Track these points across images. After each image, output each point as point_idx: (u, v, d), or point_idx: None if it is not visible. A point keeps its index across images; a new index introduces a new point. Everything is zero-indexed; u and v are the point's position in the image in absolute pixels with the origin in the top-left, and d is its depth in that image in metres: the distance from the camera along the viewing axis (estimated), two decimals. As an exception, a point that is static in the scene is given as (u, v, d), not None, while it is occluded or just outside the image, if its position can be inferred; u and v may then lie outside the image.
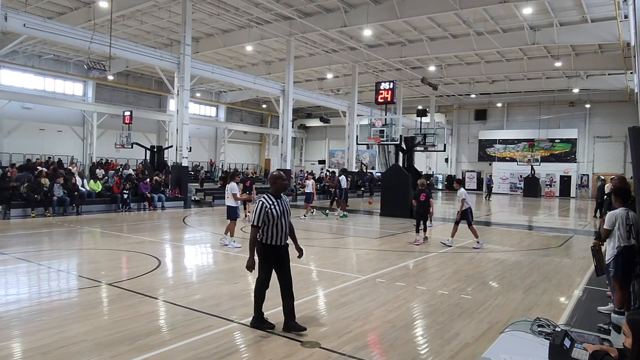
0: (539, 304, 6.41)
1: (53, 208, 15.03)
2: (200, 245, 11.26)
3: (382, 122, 17.03)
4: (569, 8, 19.77)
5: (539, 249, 11.22)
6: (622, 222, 5.21)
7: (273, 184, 5.16)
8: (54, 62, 29.31)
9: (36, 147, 27.66)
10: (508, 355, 2.68)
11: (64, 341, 4.50)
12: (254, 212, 4.91)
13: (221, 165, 40.34)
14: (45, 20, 17.31)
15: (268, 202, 4.93)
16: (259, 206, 4.90)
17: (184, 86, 19.97)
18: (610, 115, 33.32)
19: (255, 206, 4.94)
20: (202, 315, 5.40)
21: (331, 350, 4.50)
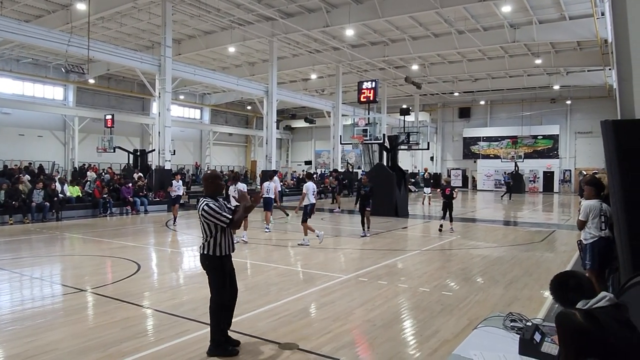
0: (519, 299, 6.44)
1: (32, 214, 14.74)
2: (182, 248, 11.13)
3: (365, 121, 17.05)
4: (547, 6, 20.04)
5: (521, 244, 11.31)
6: (596, 212, 5.27)
7: (210, 184, 4.49)
8: (32, 66, 28.79)
9: (16, 153, 27.12)
10: (479, 351, 2.66)
11: (35, 350, 4.38)
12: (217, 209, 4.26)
13: (207, 168, 40.05)
14: (21, 23, 17.01)
15: (217, 205, 4.32)
16: (213, 205, 4.27)
17: (165, 88, 19.77)
18: (590, 111, 33.83)
19: (212, 208, 4.24)
20: (179, 320, 5.31)
21: (309, 352, 4.45)
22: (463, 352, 2.66)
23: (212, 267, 4.41)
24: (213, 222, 4.27)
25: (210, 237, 4.33)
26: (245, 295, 6.49)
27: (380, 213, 17.02)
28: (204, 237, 4.39)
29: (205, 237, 4.37)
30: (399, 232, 13.86)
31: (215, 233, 4.34)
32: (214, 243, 4.34)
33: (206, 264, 4.45)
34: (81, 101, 31.36)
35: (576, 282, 2.64)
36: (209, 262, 4.41)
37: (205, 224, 4.32)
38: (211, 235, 4.33)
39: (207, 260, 4.42)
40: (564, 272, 2.79)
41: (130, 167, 24.27)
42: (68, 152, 30.56)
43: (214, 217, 4.25)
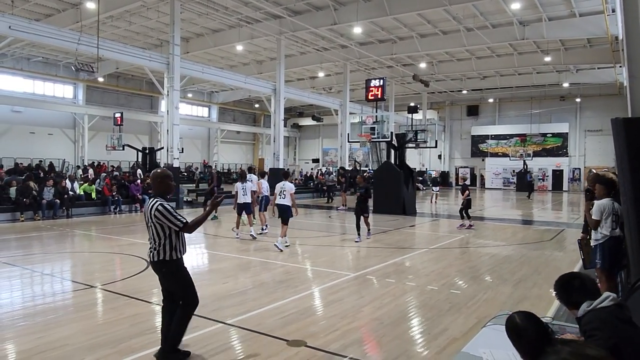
0: (528, 298, 6.40)
1: (42, 211, 14.89)
2: (190, 246, 11.17)
3: (372, 119, 17.01)
4: (557, 3, 19.84)
5: (530, 243, 11.23)
6: (608, 211, 5.22)
7: (160, 184, 4.15)
8: (43, 64, 29.06)
9: (26, 151, 27.43)
10: (487, 349, 2.65)
11: (45, 346, 4.43)
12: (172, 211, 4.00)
13: (214, 165, 40.21)
14: (32, 22, 17.14)
15: (171, 206, 4.04)
16: (168, 207, 3.99)
17: (173, 87, 19.84)
18: (600, 109, 33.47)
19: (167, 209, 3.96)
20: (188, 316, 5.33)
21: (317, 349, 4.46)
22: (472, 350, 2.66)
23: (171, 271, 4.10)
24: (167, 224, 3.96)
25: (165, 240, 4.00)
26: (253, 293, 6.53)
27: (388, 211, 17.01)
28: (156, 241, 4.02)
29: (158, 241, 4.01)
30: (407, 230, 13.83)
31: (170, 235, 4.02)
32: (170, 246, 4.03)
33: (164, 271, 4.09)
34: (91, 99, 31.63)
35: (580, 283, 2.65)
36: (167, 267, 4.07)
37: (159, 225, 3.97)
38: (165, 238, 4.00)
39: (164, 267, 4.07)
40: (568, 274, 2.80)
41: (138, 164, 24.41)
42: (78, 150, 30.84)
43: (168, 219, 3.95)
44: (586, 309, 2.51)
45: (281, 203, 9.97)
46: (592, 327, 2.43)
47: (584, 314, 2.51)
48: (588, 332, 2.43)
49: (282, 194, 10.01)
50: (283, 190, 10.02)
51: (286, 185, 10.04)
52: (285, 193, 9.96)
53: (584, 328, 2.46)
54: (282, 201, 9.97)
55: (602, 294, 5.23)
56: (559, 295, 2.72)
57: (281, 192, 9.99)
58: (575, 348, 2.04)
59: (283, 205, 9.95)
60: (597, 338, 2.36)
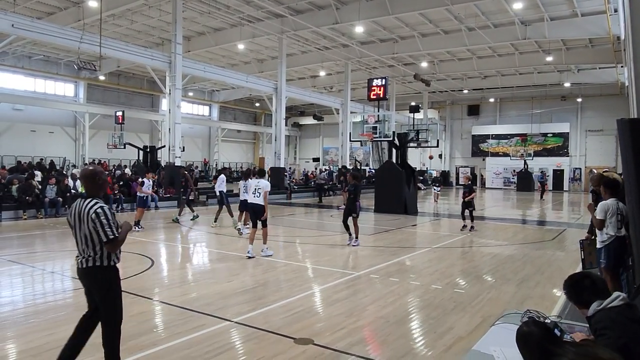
0: (532, 297, 6.44)
1: (45, 210, 14.91)
2: (194, 244, 11.22)
3: (374, 118, 17.02)
4: (559, 2, 19.86)
5: (532, 243, 11.27)
6: (613, 211, 5.25)
7: (93, 183, 3.69)
8: (44, 62, 29.08)
9: (27, 149, 27.46)
10: (498, 347, 2.68)
11: (55, 343, 4.45)
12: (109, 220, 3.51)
13: (215, 164, 40.24)
14: (34, 20, 17.16)
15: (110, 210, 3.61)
16: (108, 212, 3.54)
17: (175, 85, 19.87)
18: (601, 109, 33.51)
19: (104, 213, 3.49)
20: (195, 315, 5.37)
21: (324, 347, 4.49)
22: (482, 348, 2.69)
23: (107, 278, 3.62)
24: (98, 231, 3.48)
25: (98, 244, 3.53)
26: (258, 291, 6.56)
27: (390, 210, 17.05)
28: (89, 246, 3.53)
29: (92, 246, 3.53)
30: (409, 229, 13.87)
31: None
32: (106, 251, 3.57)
33: (98, 278, 3.60)
34: (91, 98, 31.66)
35: (591, 282, 2.67)
36: (102, 274, 3.59)
37: (94, 230, 3.49)
38: (99, 242, 3.53)
39: (98, 273, 3.59)
40: (578, 273, 2.84)
41: (140, 164, 24.43)
42: (79, 148, 30.87)
43: (102, 226, 3.46)
44: (596, 308, 2.54)
45: (255, 202, 9.00)
46: (602, 326, 2.46)
47: (594, 313, 2.54)
48: (598, 331, 2.46)
49: (257, 193, 8.99)
50: (258, 188, 9.01)
51: (261, 183, 9.04)
52: (260, 192, 8.98)
53: (595, 327, 2.50)
54: (256, 200, 8.97)
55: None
56: (569, 295, 2.75)
57: (255, 190, 9.02)
58: (583, 349, 2.06)
59: (257, 205, 8.98)
60: (607, 337, 2.40)
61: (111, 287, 3.65)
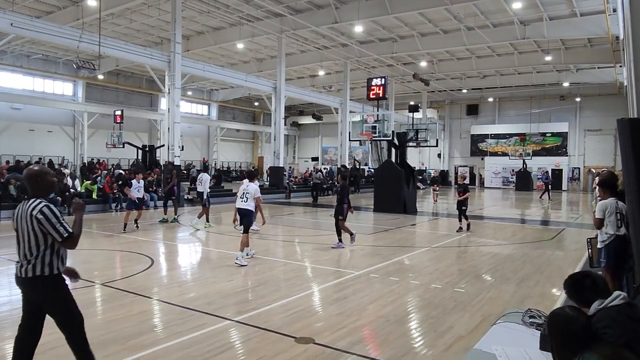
0: (532, 296, 6.45)
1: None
2: (193, 243, 11.21)
3: (374, 118, 17.03)
4: (558, 2, 19.88)
5: (531, 242, 11.29)
6: (612, 210, 5.26)
7: (38, 183, 3.33)
8: (42, 61, 29.02)
9: (26, 148, 27.38)
10: (500, 346, 2.69)
11: (56, 342, 4.43)
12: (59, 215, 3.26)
13: (214, 163, 40.21)
14: (33, 19, 17.12)
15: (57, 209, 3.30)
16: (55, 210, 3.26)
17: (174, 85, 19.83)
18: (600, 109, 33.57)
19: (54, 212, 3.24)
20: (195, 314, 5.38)
21: (325, 346, 4.50)
22: (484, 347, 2.70)
23: (55, 287, 3.31)
24: (50, 232, 3.20)
25: (46, 250, 3.23)
26: (259, 290, 6.57)
27: (389, 210, 17.06)
28: (32, 252, 3.22)
29: (36, 252, 3.21)
30: (408, 229, 13.88)
31: (52, 243, 3.26)
32: (51, 258, 3.25)
33: (43, 289, 3.26)
34: (90, 97, 31.60)
35: (592, 281, 2.68)
36: (48, 284, 3.26)
37: (40, 233, 3.21)
38: (46, 248, 3.23)
39: (44, 284, 3.24)
40: (579, 272, 2.84)
41: (139, 163, 24.39)
42: (77, 147, 30.80)
43: (53, 226, 3.18)
44: (597, 307, 2.54)
45: (241, 207, 8.52)
46: (603, 325, 2.46)
47: (595, 312, 2.55)
48: (599, 331, 2.47)
49: (244, 197, 8.51)
50: (246, 192, 8.51)
51: (250, 187, 8.56)
52: (248, 196, 8.49)
53: (596, 326, 2.50)
54: (244, 205, 8.51)
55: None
56: (569, 294, 2.75)
57: (243, 194, 8.52)
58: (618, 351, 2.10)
59: (244, 209, 8.51)
60: (608, 336, 2.40)
61: (59, 296, 3.34)
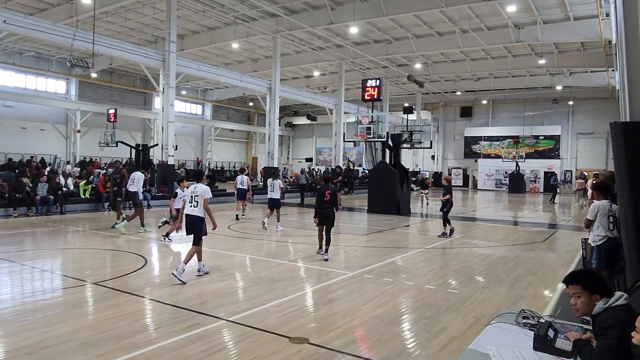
0: (524, 297, 6.50)
1: (36, 208, 14.77)
2: (187, 243, 11.14)
3: (368, 119, 17.08)
4: (552, 6, 20.04)
5: (524, 244, 11.37)
6: (604, 212, 5.32)
7: None
8: (35, 59, 28.79)
9: (18, 146, 27.15)
10: (493, 346, 2.71)
11: (49, 341, 4.44)
12: None
13: (208, 163, 40.11)
14: (26, 16, 16.98)
15: None
16: None
17: (169, 84, 19.78)
18: (592, 112, 33.88)
19: None
20: (189, 313, 5.36)
21: (319, 346, 4.51)
22: (478, 347, 2.72)
23: None
24: None
25: None
26: (254, 290, 6.56)
27: (383, 211, 17.11)
28: None
29: None
30: (402, 230, 13.92)
31: None
32: None
33: None
34: (83, 95, 31.39)
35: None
36: None
37: None
38: None
39: None
40: (580, 269, 2.85)
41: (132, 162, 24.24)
42: (70, 145, 30.60)
43: None
44: (602, 306, 2.55)
45: (191, 214, 7.12)
46: (607, 325, 2.45)
47: (600, 312, 2.55)
48: (602, 330, 2.46)
49: (194, 201, 7.10)
50: (195, 195, 7.10)
51: (199, 188, 7.09)
52: (198, 199, 7.05)
53: (600, 326, 2.49)
54: (193, 211, 7.10)
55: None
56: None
57: (192, 198, 7.15)
58: None
59: (193, 216, 7.10)
60: (609, 337, 2.40)
61: None
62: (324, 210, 8.90)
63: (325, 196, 8.85)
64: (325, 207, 8.88)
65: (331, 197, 8.86)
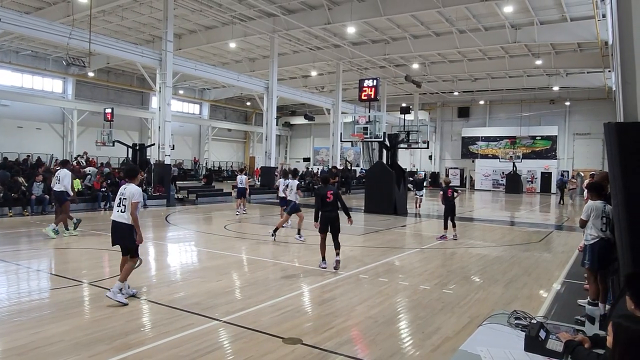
0: (519, 298, 6.50)
1: (32, 207, 14.72)
2: (183, 243, 11.14)
3: (365, 119, 17.07)
4: (549, 7, 20.09)
5: (519, 244, 11.38)
6: (597, 213, 5.33)
7: None
8: (32, 58, 28.70)
9: (14, 145, 27.06)
10: (485, 347, 2.70)
11: (41, 341, 4.41)
12: None
13: (205, 163, 40.04)
14: (22, 14, 16.93)
15: None
16: None
17: (166, 83, 19.73)
18: (589, 113, 33.98)
19: None
20: (183, 314, 5.35)
21: (313, 346, 4.50)
22: (469, 348, 2.71)
23: None
24: None
25: None
26: (248, 290, 6.55)
27: (380, 211, 17.11)
28: None
29: None
30: (398, 230, 13.93)
31: None
32: None
33: None
34: (80, 94, 31.30)
35: None
36: None
37: None
38: None
39: None
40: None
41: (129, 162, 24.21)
42: (66, 145, 30.52)
43: None
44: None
45: (118, 220, 5.85)
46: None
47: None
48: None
49: (122, 205, 5.85)
50: (123, 198, 5.86)
51: (129, 189, 5.90)
52: (126, 203, 5.83)
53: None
54: (119, 217, 5.85)
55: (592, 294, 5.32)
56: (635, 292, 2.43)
57: (120, 201, 5.88)
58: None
59: (121, 224, 5.84)
60: None
61: None
62: (327, 214, 7.90)
63: (328, 197, 7.87)
64: (328, 210, 7.90)
65: (335, 199, 7.91)
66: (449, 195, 11.62)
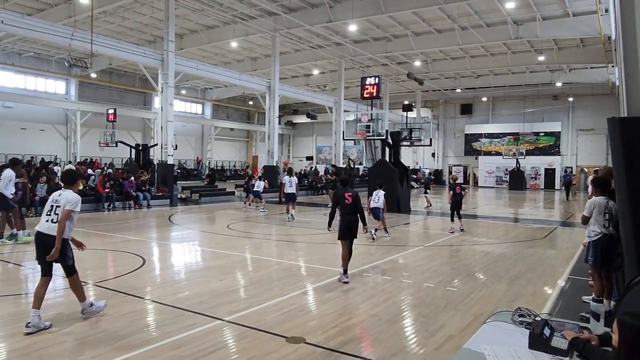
0: (523, 295, 6.47)
1: (35, 208, 14.76)
2: (186, 243, 11.16)
3: (368, 117, 17.03)
4: (551, 2, 19.97)
5: (523, 241, 11.34)
6: (600, 209, 5.29)
7: None
8: (34, 59, 28.79)
9: (18, 146, 27.16)
10: (489, 345, 2.68)
11: (44, 342, 4.42)
12: None
13: (208, 162, 40.10)
14: (24, 16, 16.96)
15: None
16: None
17: (168, 83, 19.74)
18: (592, 108, 33.79)
19: None
20: (186, 313, 5.34)
21: (316, 345, 4.49)
22: (473, 346, 2.69)
23: None
24: None
25: None
26: (251, 289, 6.54)
27: (383, 209, 17.05)
28: None
29: None
30: (402, 227, 13.89)
31: None
32: None
33: None
34: (83, 95, 31.39)
35: None
36: None
37: None
38: None
39: None
40: None
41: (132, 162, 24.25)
42: (70, 146, 30.61)
43: None
44: None
45: (46, 233, 4.99)
46: None
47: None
48: None
49: (54, 213, 4.99)
50: (57, 206, 4.99)
51: (64, 196, 5.03)
52: (59, 211, 4.95)
53: None
54: (48, 228, 4.98)
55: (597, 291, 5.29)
56: None
57: (52, 209, 5.02)
58: None
59: (47, 236, 4.97)
60: None
61: None
62: (347, 218, 7.15)
63: (346, 199, 7.16)
64: (348, 214, 7.17)
65: (353, 201, 7.19)
66: (457, 192, 12.33)
